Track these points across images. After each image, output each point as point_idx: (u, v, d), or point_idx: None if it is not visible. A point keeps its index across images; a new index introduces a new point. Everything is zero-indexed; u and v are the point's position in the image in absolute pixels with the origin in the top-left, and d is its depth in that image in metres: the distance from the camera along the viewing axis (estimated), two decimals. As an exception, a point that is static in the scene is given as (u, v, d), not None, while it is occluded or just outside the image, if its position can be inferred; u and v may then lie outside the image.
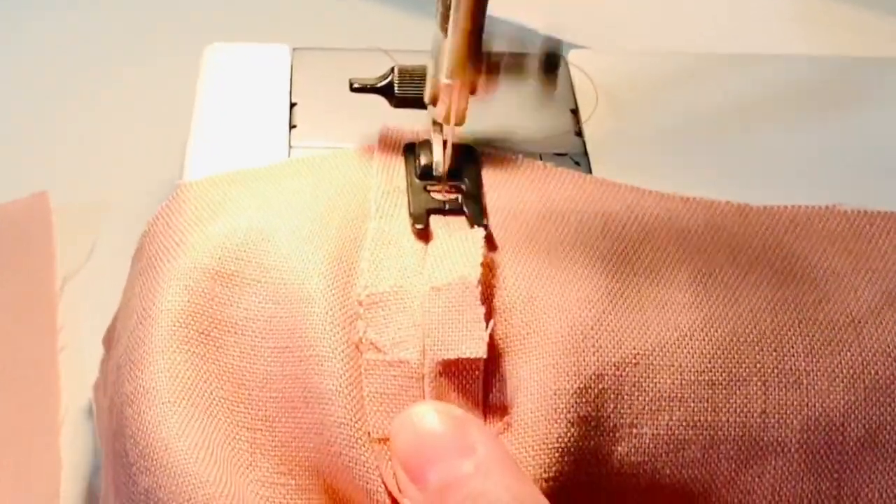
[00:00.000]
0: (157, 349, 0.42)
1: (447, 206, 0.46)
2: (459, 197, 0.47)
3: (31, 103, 0.71)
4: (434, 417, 0.39)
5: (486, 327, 0.41)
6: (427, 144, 0.48)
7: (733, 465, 0.41)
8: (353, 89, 0.48)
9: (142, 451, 0.40)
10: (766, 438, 0.41)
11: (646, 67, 0.58)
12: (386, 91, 0.48)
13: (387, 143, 0.49)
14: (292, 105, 0.54)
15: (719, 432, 0.41)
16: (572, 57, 0.57)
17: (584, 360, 0.41)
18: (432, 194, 0.47)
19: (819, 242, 0.47)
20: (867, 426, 0.41)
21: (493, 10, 0.45)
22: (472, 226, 0.45)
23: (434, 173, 0.47)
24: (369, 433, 0.40)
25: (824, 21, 0.72)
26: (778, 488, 0.41)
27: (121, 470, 0.41)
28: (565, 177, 0.49)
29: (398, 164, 0.48)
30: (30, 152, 0.68)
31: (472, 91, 0.46)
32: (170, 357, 0.42)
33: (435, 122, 0.48)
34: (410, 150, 0.48)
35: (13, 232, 0.62)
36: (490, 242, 0.45)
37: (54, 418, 0.55)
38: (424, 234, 0.45)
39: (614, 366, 0.41)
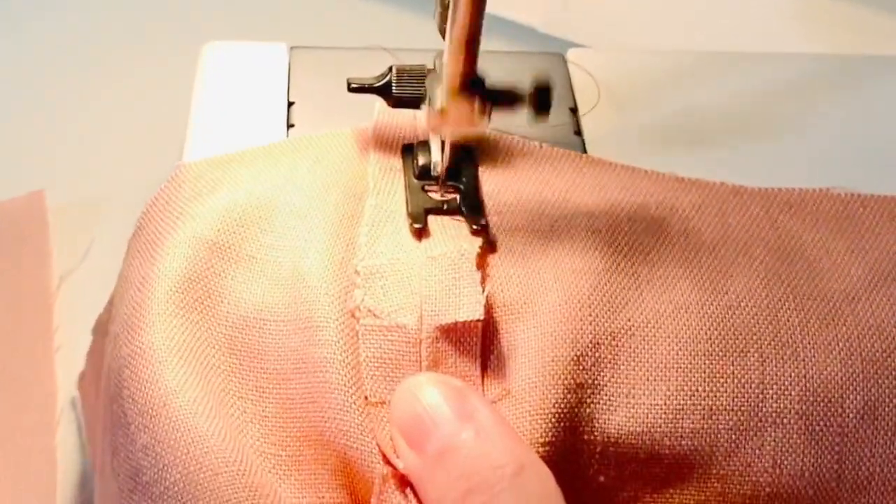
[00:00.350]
0: (154, 312, 0.42)
1: (445, 206, 0.46)
2: (457, 197, 0.47)
3: (27, 102, 0.70)
4: (433, 388, 0.39)
5: (483, 291, 0.41)
6: (425, 145, 0.48)
7: (733, 437, 0.41)
8: (350, 89, 0.48)
9: (140, 408, 0.40)
10: (764, 409, 0.41)
11: (645, 66, 0.57)
12: (384, 91, 0.47)
13: (383, 123, 0.49)
14: (290, 104, 0.53)
15: (717, 402, 0.41)
16: (572, 55, 0.56)
17: (580, 329, 0.41)
18: (430, 194, 0.47)
19: (813, 223, 0.47)
20: (865, 400, 0.42)
21: (492, 8, 0.44)
22: (470, 225, 0.45)
23: (432, 173, 0.47)
24: (366, 397, 0.40)
25: (824, 19, 0.72)
26: (779, 461, 0.41)
27: (119, 431, 0.41)
28: (562, 158, 0.49)
29: (395, 145, 0.49)
30: (26, 151, 0.68)
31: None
32: (167, 320, 0.42)
33: (433, 122, 0.48)
34: (408, 150, 0.48)
35: (9, 231, 0.62)
36: (489, 244, 0.45)
37: (50, 417, 0.55)
38: (422, 234, 0.45)
39: (610, 335, 0.42)
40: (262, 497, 0.38)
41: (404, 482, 0.38)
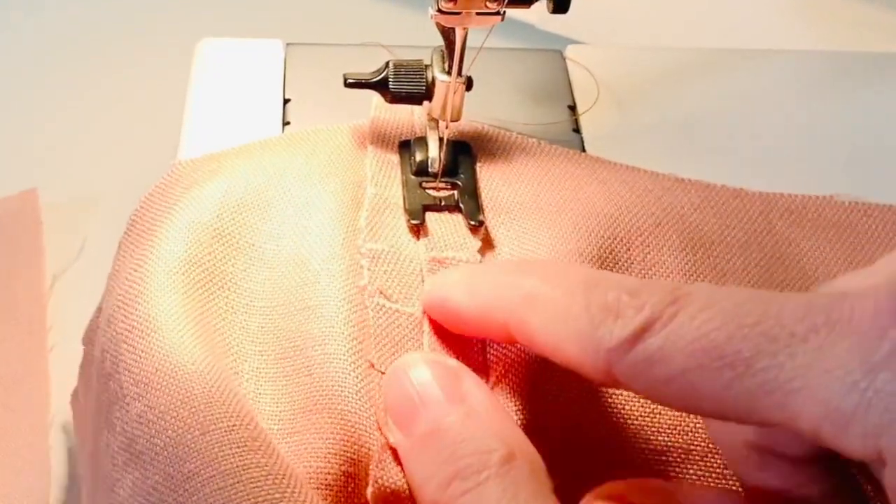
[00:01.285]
0: (153, 288, 0.42)
1: (443, 203, 0.46)
2: (455, 193, 0.46)
3: (21, 100, 0.70)
4: (426, 367, 0.38)
5: None
6: (422, 141, 0.48)
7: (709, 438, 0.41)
8: (347, 84, 0.48)
9: (135, 377, 0.39)
10: None
11: (645, 63, 0.57)
12: (381, 86, 0.47)
13: (380, 119, 0.49)
14: (286, 101, 0.53)
15: None
16: (570, 52, 0.56)
17: None
18: (428, 191, 0.46)
19: (812, 231, 0.47)
20: None
21: (489, 4, 0.44)
22: (468, 222, 0.45)
23: (429, 170, 0.47)
24: (372, 364, 0.40)
25: (825, 16, 0.71)
26: None
27: (115, 407, 0.40)
28: (561, 154, 0.49)
29: (392, 141, 0.48)
30: (19, 149, 0.67)
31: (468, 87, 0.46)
32: (167, 296, 0.42)
33: (431, 118, 0.48)
34: (406, 146, 0.48)
35: (2, 229, 0.62)
36: (487, 240, 0.45)
37: (44, 418, 0.55)
38: (420, 230, 0.45)
39: None
40: (252, 451, 0.37)
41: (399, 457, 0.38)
